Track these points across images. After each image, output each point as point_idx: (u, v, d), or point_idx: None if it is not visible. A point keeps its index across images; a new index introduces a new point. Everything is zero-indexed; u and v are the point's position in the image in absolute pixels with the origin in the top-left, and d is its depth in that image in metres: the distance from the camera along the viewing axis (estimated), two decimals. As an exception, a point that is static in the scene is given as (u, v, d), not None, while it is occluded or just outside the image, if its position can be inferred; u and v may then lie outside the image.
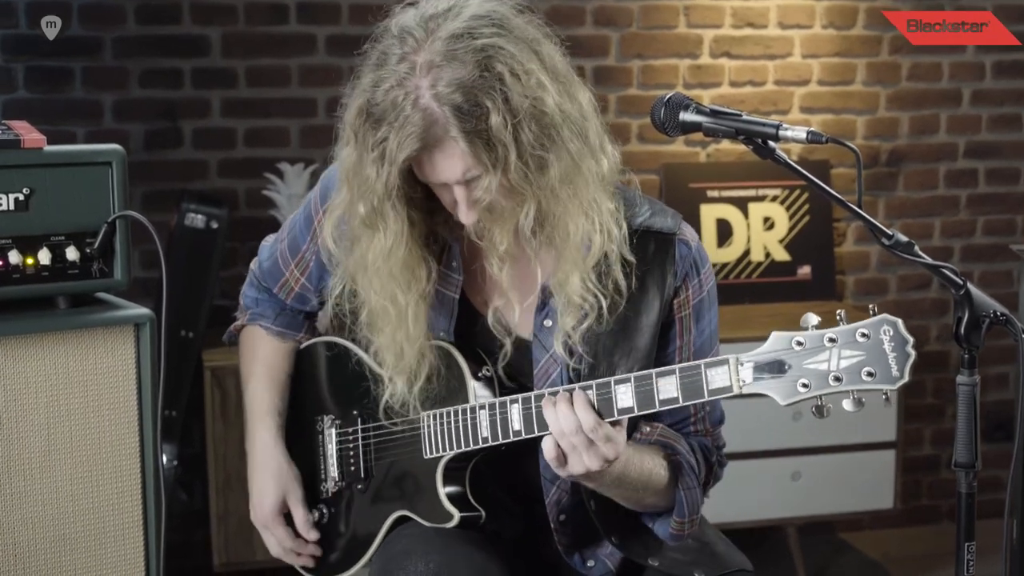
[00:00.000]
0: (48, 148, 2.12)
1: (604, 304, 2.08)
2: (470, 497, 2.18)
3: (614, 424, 1.97)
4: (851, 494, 4.23)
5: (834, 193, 1.95)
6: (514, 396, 2.08)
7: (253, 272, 2.45)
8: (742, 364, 1.88)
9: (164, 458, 3.12)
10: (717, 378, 1.89)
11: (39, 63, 4.00)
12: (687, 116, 1.98)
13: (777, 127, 1.90)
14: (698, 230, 4.37)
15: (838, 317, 1.84)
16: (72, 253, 2.13)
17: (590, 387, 1.99)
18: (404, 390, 2.16)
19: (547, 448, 1.96)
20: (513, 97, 1.92)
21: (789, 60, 4.54)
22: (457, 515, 2.15)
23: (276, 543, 2.37)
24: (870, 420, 4.15)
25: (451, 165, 1.96)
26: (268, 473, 2.37)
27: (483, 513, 2.18)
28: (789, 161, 1.94)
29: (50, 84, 4.02)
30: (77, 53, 4.02)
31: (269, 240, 2.44)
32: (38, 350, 2.11)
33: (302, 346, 2.42)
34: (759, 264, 4.50)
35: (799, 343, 1.84)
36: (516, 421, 2.07)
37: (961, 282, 1.80)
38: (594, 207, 2.04)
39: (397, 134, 1.93)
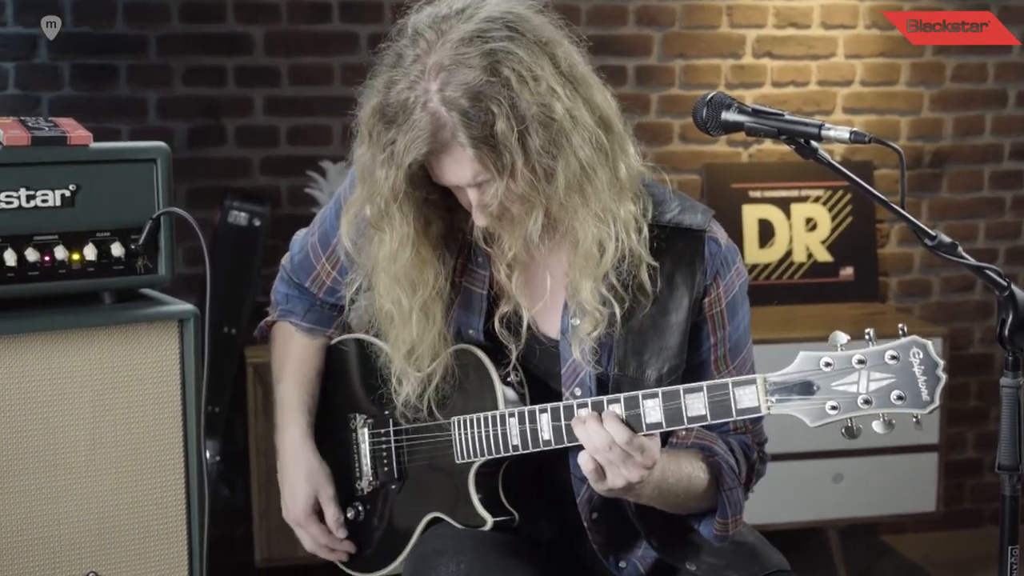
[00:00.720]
0: (94, 145, 2.14)
1: (619, 310, 2.07)
2: (503, 500, 2.19)
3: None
4: (893, 497, 4.21)
5: (877, 193, 1.94)
6: (543, 405, 2.08)
7: (284, 267, 2.45)
8: (770, 384, 1.87)
9: (207, 454, 3.14)
10: (745, 398, 1.89)
11: (84, 61, 4.03)
12: (729, 116, 1.97)
13: (820, 127, 1.89)
14: (740, 230, 4.39)
15: (867, 336, 1.82)
16: (117, 249, 2.15)
17: (618, 400, 1.99)
18: (414, 392, 2.17)
19: (584, 464, 1.95)
20: (521, 103, 1.90)
21: (832, 60, 4.52)
22: (490, 520, 2.16)
23: (311, 540, 2.38)
24: (912, 423, 4.11)
25: (459, 169, 1.97)
26: (299, 471, 2.38)
27: (516, 516, 2.18)
28: (832, 161, 1.93)
29: (95, 82, 4.05)
30: (122, 51, 4.05)
31: (300, 234, 2.44)
32: (83, 345, 2.13)
33: (333, 342, 2.42)
34: (801, 265, 4.48)
35: (827, 364, 1.83)
36: (546, 431, 2.07)
37: (1005, 284, 1.79)
38: (608, 214, 2.02)
39: (405, 137, 1.93)
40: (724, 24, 4.44)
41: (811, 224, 4.49)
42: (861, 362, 1.81)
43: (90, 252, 2.13)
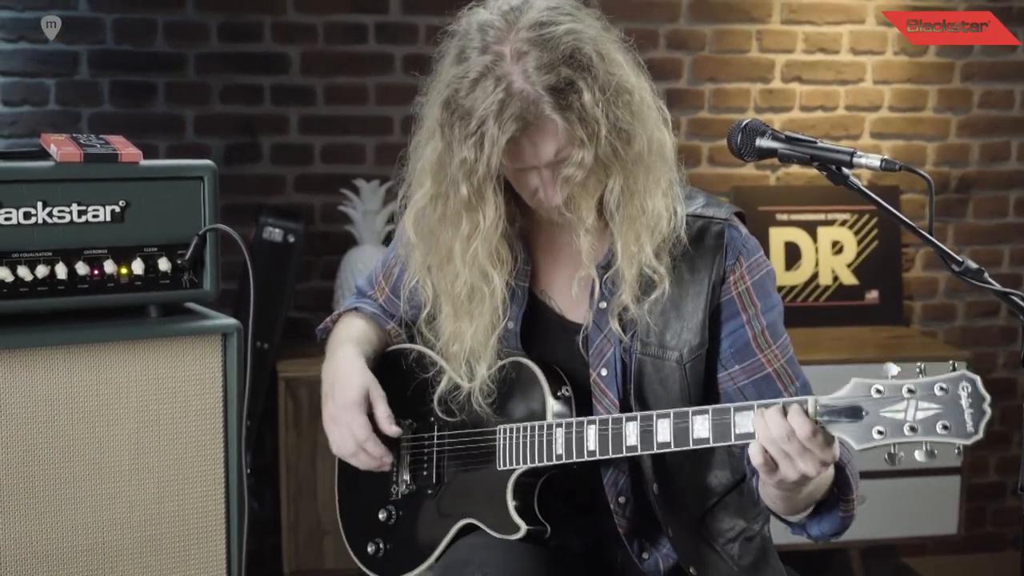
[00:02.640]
0: (143, 163, 2.19)
1: (668, 280, 2.13)
2: (537, 511, 2.22)
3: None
4: (915, 519, 4.22)
5: (905, 219, 1.98)
6: (591, 417, 2.14)
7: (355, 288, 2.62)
8: (820, 405, 1.91)
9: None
10: (796, 419, 1.91)
11: (124, 78, 4.10)
12: (763, 142, 2.03)
13: (851, 154, 1.94)
14: (767, 253, 4.39)
15: (918, 369, 1.86)
16: (164, 264, 2.20)
17: (667, 415, 2.04)
18: (457, 384, 2.24)
19: (755, 454, 1.95)
20: (600, 75, 2.02)
21: (860, 86, 4.56)
22: (524, 527, 2.19)
23: (350, 435, 2.30)
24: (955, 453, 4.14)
25: (547, 144, 2.05)
26: (353, 368, 2.34)
27: (548, 528, 2.22)
28: (862, 187, 1.98)
29: (134, 99, 4.12)
30: (161, 69, 4.12)
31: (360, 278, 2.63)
32: (130, 357, 2.18)
33: (386, 350, 2.47)
34: (827, 288, 4.51)
35: (878, 391, 1.87)
36: (592, 441, 2.12)
37: (1030, 310, 1.83)
38: (671, 187, 2.14)
39: (496, 119, 2.00)
40: (754, 49, 4.49)
41: (837, 247, 4.53)
42: (911, 392, 1.84)
43: (138, 266, 2.18)
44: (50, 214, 2.12)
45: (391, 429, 2.29)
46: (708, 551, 2.26)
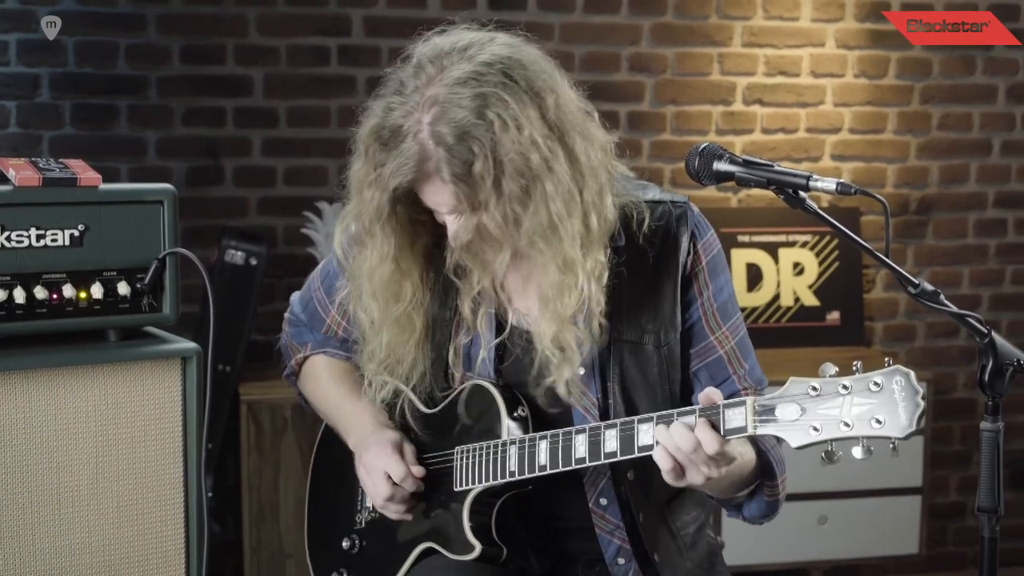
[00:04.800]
0: (103, 186, 2.18)
1: (588, 339, 2.13)
2: (494, 533, 2.23)
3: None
4: (877, 539, 4.25)
5: (862, 242, 2.00)
6: (543, 432, 2.14)
7: (293, 319, 2.57)
8: (759, 405, 1.92)
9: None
10: (735, 418, 1.93)
11: (86, 101, 4.09)
12: (721, 166, 2.04)
13: (808, 178, 1.96)
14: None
15: (854, 367, 1.87)
16: (123, 288, 2.19)
17: (615, 425, 2.05)
18: (387, 396, 2.29)
19: (661, 460, 1.96)
20: (500, 148, 1.99)
21: (821, 108, 4.60)
22: (479, 547, 2.20)
23: (393, 473, 2.25)
24: (896, 466, 4.17)
25: (439, 199, 2.07)
26: (382, 428, 2.34)
27: (505, 550, 2.23)
28: (819, 211, 1.99)
29: (96, 121, 4.11)
30: (123, 92, 4.11)
31: (296, 296, 2.57)
32: (89, 381, 2.17)
33: None
34: (788, 309, 4.54)
35: (814, 389, 1.88)
36: (543, 455, 2.13)
37: (985, 331, 1.84)
38: (574, 264, 2.08)
39: (393, 162, 2.03)
40: (715, 72, 4.52)
41: (798, 268, 4.55)
42: (846, 388, 1.85)
43: (97, 291, 2.17)
44: (8, 238, 2.11)
45: (416, 470, 2.27)
46: (668, 538, 2.27)
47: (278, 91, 4.21)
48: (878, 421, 1.83)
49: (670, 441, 1.95)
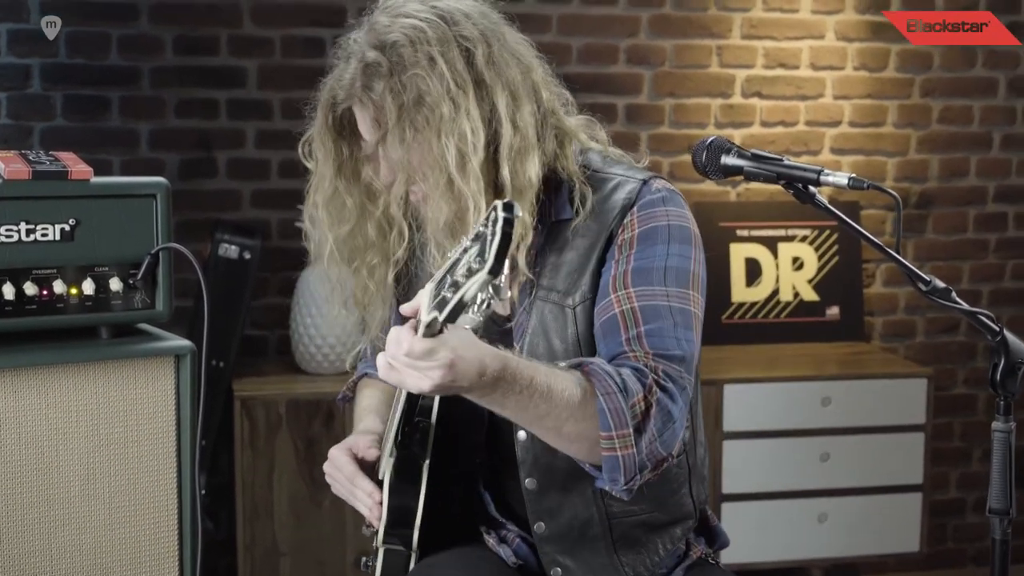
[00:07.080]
0: (94, 180, 2.15)
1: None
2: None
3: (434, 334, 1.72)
4: (877, 537, 4.22)
5: (873, 239, 1.96)
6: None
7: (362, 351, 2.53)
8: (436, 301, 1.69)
9: (195, 487, 3.14)
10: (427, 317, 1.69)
11: (77, 92, 4.04)
12: (729, 160, 2.00)
13: (819, 172, 1.92)
14: (727, 269, 4.42)
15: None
16: (116, 284, 2.16)
17: None
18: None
19: (380, 368, 1.80)
20: (406, 75, 2.00)
21: (820, 101, 4.56)
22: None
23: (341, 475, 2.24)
24: (896, 462, 4.15)
25: (364, 127, 2.08)
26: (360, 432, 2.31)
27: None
28: (829, 206, 1.95)
29: (88, 113, 4.06)
30: (115, 83, 4.06)
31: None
32: (80, 379, 2.14)
33: None
34: (788, 304, 4.50)
35: (453, 260, 1.67)
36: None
37: (997, 329, 1.81)
38: (465, 212, 2.01)
39: (332, 77, 2.09)
40: (714, 64, 4.48)
41: (798, 263, 4.52)
42: (467, 244, 1.65)
43: (88, 287, 2.14)
44: (-3, 233, 2.08)
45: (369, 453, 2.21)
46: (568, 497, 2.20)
47: (272, 82, 4.16)
48: (470, 271, 1.61)
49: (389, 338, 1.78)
